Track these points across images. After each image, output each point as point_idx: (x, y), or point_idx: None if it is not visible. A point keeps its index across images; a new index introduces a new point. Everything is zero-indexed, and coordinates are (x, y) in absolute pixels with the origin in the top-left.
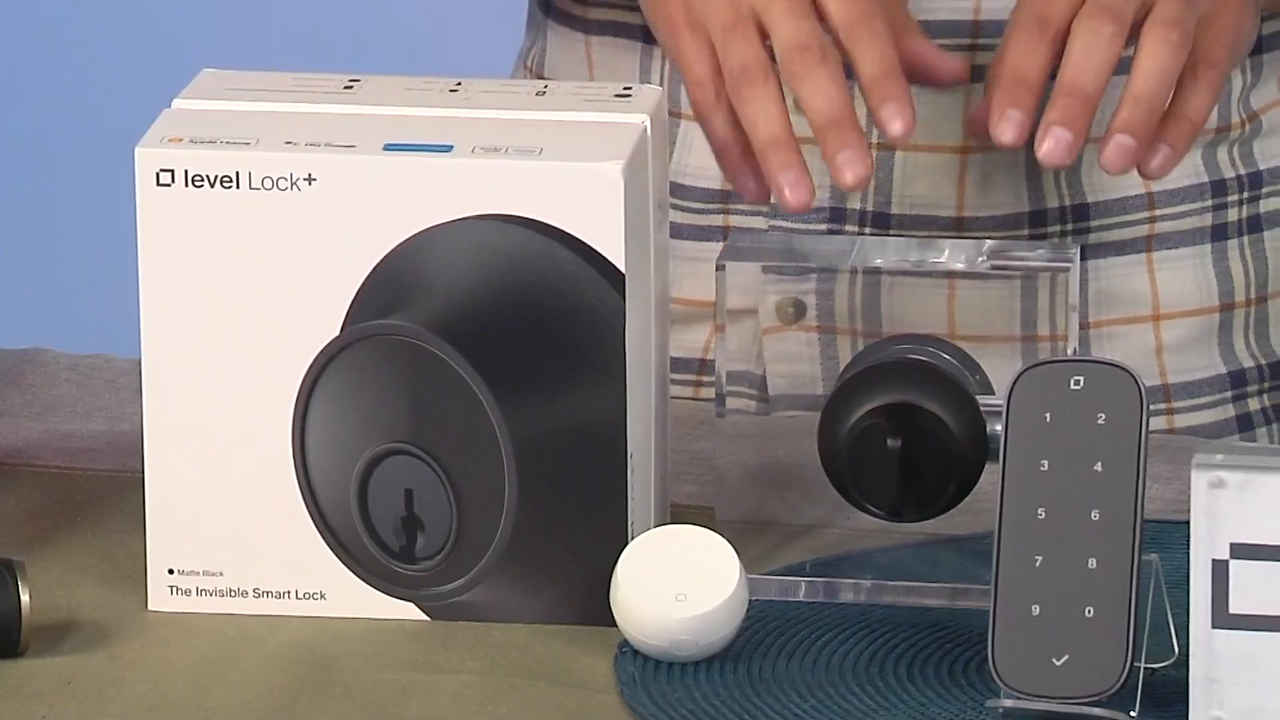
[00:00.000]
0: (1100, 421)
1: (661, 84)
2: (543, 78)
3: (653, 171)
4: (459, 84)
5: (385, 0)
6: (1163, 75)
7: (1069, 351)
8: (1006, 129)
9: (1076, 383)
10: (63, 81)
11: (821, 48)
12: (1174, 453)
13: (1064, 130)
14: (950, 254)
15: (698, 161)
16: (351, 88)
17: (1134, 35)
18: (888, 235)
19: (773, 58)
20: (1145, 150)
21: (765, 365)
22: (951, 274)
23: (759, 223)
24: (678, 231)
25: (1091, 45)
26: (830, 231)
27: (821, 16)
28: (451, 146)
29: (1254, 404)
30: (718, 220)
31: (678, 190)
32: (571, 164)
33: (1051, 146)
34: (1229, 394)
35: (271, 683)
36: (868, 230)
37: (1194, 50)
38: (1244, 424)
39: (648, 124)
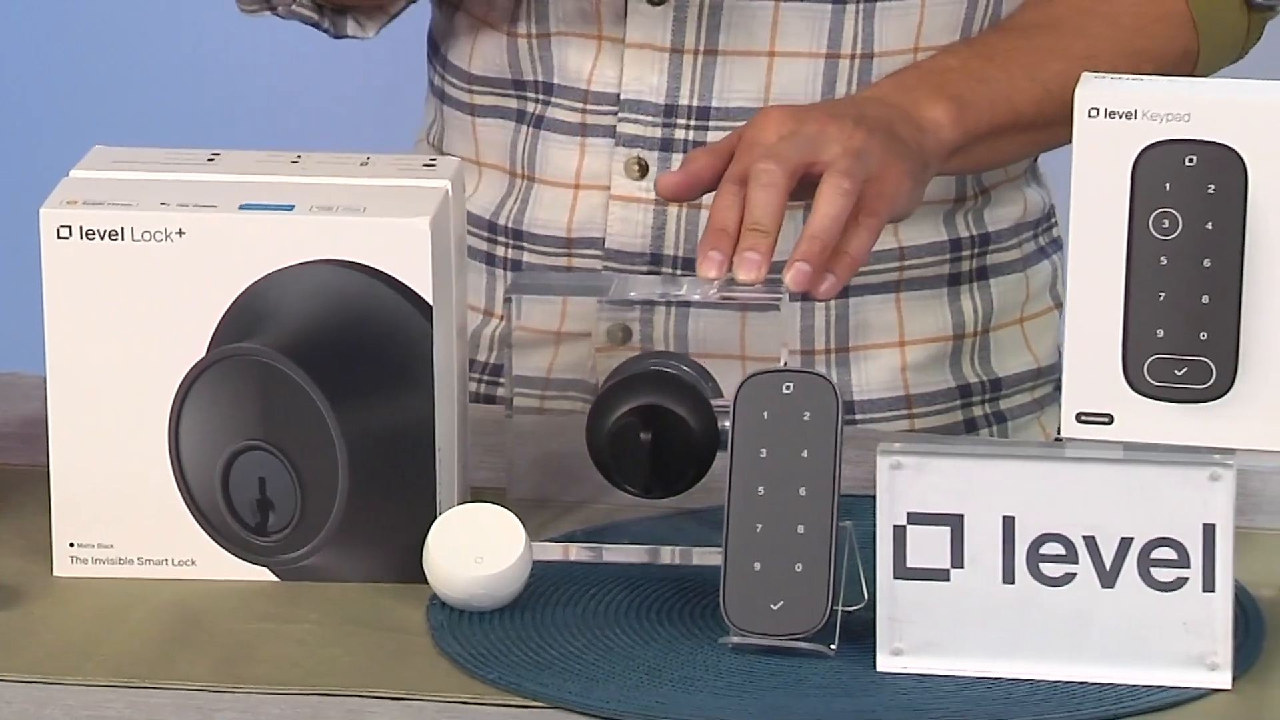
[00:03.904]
0: (806, 419)
1: (524, 151)
2: (441, 151)
3: (453, 225)
4: (299, 156)
5: (309, 81)
6: (835, 218)
7: (782, 364)
8: (709, 267)
9: (787, 388)
10: None
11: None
12: (862, 442)
13: (805, 264)
14: (688, 288)
15: (545, 215)
16: (213, 160)
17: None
18: (661, 274)
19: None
20: (819, 276)
21: (598, 377)
22: (687, 303)
23: (595, 264)
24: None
25: (831, 201)
26: (650, 273)
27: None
28: (293, 206)
29: (978, 410)
30: (563, 261)
31: (530, 238)
32: (388, 219)
33: (793, 275)
34: (958, 403)
35: (152, 633)
36: (678, 272)
37: (861, 199)
38: (969, 427)
39: (449, 187)
